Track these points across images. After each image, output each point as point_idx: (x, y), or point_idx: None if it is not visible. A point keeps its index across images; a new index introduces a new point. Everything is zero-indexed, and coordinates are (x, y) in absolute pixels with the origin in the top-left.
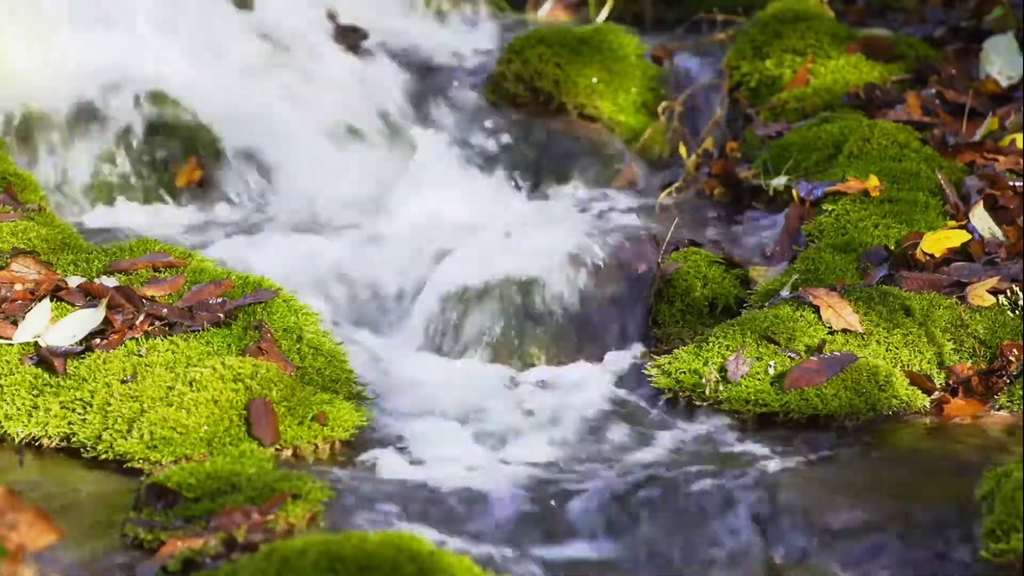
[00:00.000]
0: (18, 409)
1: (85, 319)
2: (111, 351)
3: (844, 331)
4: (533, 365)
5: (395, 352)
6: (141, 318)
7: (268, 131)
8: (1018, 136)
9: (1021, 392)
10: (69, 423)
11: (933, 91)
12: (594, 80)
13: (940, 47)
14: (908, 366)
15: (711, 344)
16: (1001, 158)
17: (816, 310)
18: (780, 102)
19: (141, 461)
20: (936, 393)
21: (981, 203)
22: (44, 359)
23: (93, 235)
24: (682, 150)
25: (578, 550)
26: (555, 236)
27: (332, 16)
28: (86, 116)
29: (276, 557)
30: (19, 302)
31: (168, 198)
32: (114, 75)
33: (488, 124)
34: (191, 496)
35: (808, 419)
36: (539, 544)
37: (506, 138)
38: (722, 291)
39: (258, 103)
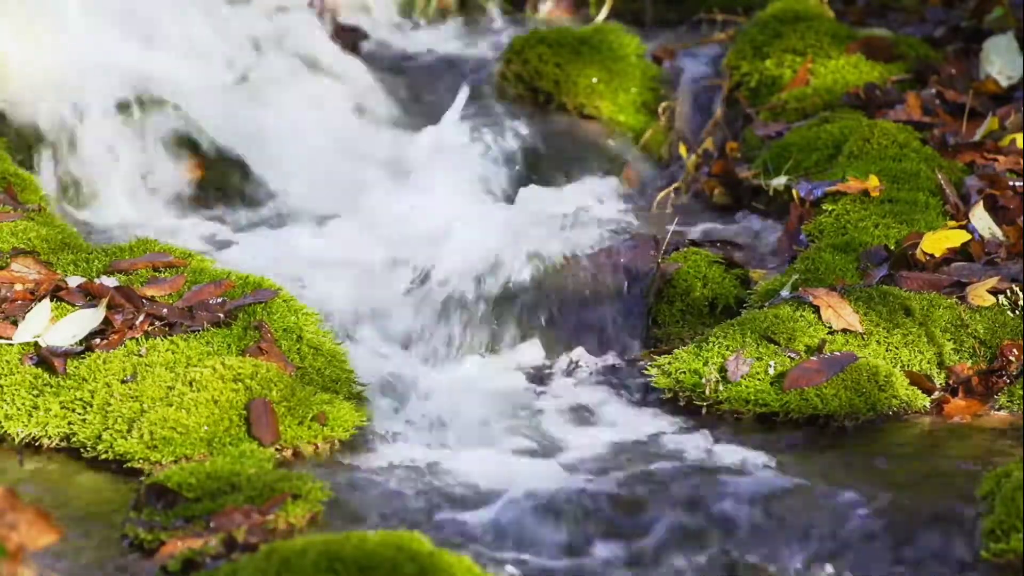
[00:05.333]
0: (18, 409)
1: (85, 319)
2: (111, 351)
3: (844, 331)
4: (532, 364)
5: (393, 350)
6: (141, 318)
7: (267, 132)
8: (1018, 136)
9: (1021, 392)
10: (69, 423)
11: (933, 91)
12: (594, 80)
13: (940, 47)
14: (908, 366)
15: (711, 344)
16: (1001, 158)
17: (816, 310)
18: (780, 102)
19: (141, 461)
20: (936, 393)
21: (981, 203)
22: (44, 359)
23: (92, 235)
24: (682, 150)
25: (577, 550)
26: (554, 236)
27: (332, 16)
28: (86, 116)
29: (276, 557)
30: (19, 302)
31: (168, 197)
32: (114, 75)
33: (487, 124)
34: (191, 496)
35: (808, 419)
36: (539, 544)
37: (505, 138)
38: (722, 291)
39: (257, 102)
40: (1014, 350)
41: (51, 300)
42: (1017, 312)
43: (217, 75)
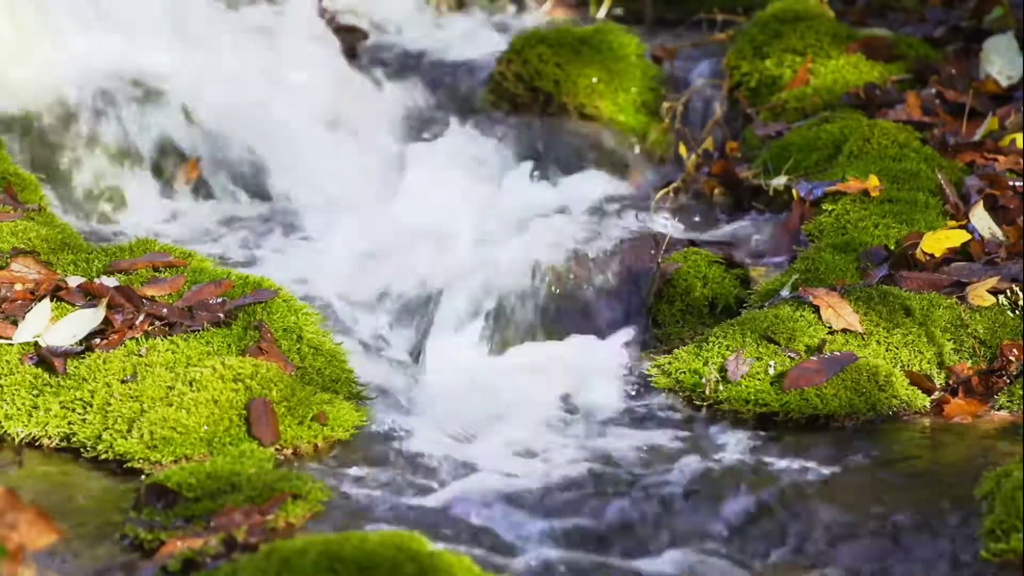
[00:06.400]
0: (18, 409)
1: (85, 319)
2: (111, 351)
3: (844, 331)
4: (531, 364)
5: (393, 350)
6: (141, 318)
7: (267, 130)
8: (1018, 136)
9: (1021, 392)
10: (69, 423)
11: (933, 91)
12: (594, 80)
13: (940, 47)
14: (908, 366)
15: (711, 344)
16: (1001, 158)
17: (816, 310)
18: (780, 102)
19: (141, 461)
20: (936, 393)
21: (981, 203)
22: (44, 359)
23: (93, 235)
24: (682, 150)
25: (576, 548)
26: (554, 236)
27: (332, 16)
28: (85, 116)
29: (276, 557)
30: (19, 302)
31: (168, 197)
32: (114, 75)
33: (488, 124)
34: (191, 496)
35: (808, 419)
36: (538, 544)
37: (506, 138)
38: (722, 291)
39: (257, 102)
40: (1014, 350)
41: (51, 300)
42: (1017, 312)
43: (221, 74)
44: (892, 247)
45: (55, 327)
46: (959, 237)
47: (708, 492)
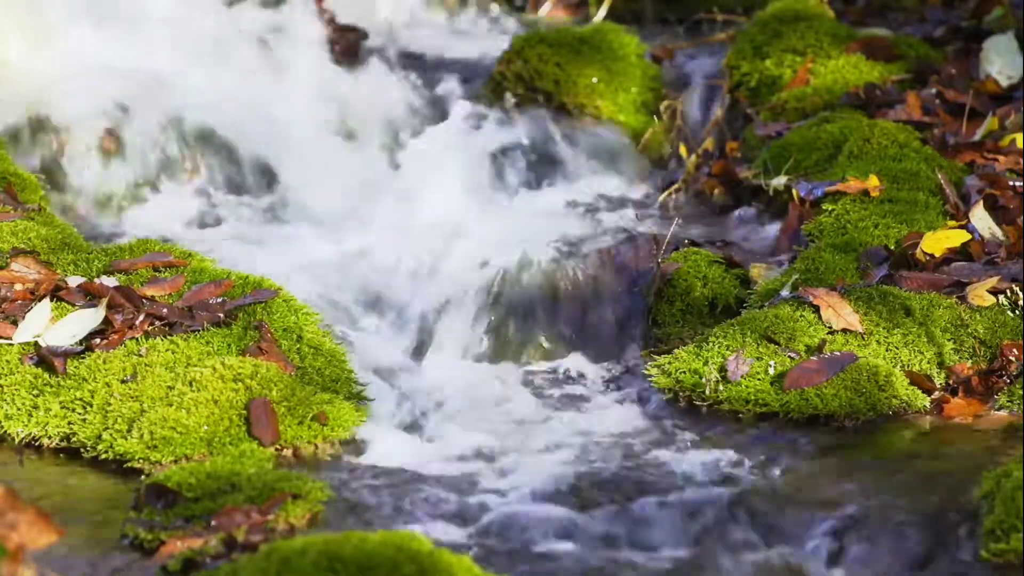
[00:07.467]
0: (18, 409)
1: (85, 319)
2: (111, 351)
3: (844, 331)
4: (532, 364)
5: (394, 350)
6: (141, 318)
7: (268, 130)
8: (1018, 136)
9: (1021, 392)
10: (69, 423)
11: (933, 91)
12: (594, 80)
13: (940, 47)
14: (908, 366)
15: (711, 344)
16: (1001, 158)
17: (816, 310)
18: (780, 102)
19: (141, 461)
20: (936, 393)
21: (981, 203)
22: (44, 359)
23: (93, 235)
24: (682, 150)
25: (574, 548)
26: (554, 236)
27: (332, 17)
28: (85, 116)
29: (276, 557)
30: (19, 302)
31: (168, 197)
32: (115, 75)
33: (487, 124)
34: (191, 496)
35: (808, 419)
36: (538, 544)
37: (505, 138)
38: (722, 291)
39: (258, 102)
40: (1014, 350)
41: (51, 300)
42: (1017, 312)
43: (222, 74)
44: (892, 247)
45: (55, 327)
46: (959, 237)
47: (708, 492)
